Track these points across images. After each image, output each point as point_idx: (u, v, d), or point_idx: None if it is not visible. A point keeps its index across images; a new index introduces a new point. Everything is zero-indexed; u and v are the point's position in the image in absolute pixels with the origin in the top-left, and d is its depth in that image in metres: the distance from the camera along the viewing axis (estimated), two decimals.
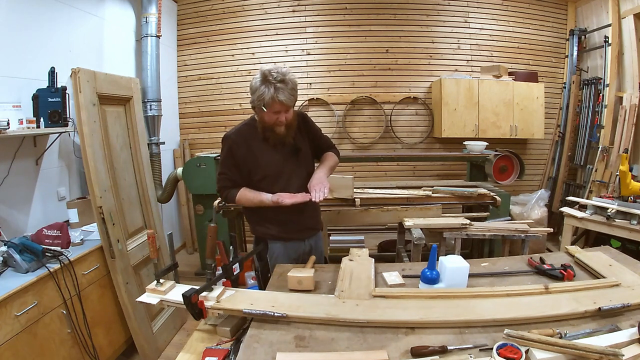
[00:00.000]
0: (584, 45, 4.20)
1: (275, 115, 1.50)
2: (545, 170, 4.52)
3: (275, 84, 1.43)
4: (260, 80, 1.46)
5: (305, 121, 1.73)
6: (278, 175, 1.62)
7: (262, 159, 1.61)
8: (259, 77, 1.46)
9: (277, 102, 1.45)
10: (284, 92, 1.44)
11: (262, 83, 1.45)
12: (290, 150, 1.64)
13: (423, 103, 4.27)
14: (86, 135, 2.06)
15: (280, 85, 1.43)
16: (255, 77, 1.49)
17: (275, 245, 1.70)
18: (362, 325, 1.07)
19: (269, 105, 1.47)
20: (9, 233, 2.00)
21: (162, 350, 2.48)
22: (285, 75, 1.45)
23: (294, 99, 1.50)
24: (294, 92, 1.48)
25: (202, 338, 1.22)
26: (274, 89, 1.43)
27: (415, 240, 2.07)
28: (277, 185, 1.61)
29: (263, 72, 1.45)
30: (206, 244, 1.30)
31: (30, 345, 1.65)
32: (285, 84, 1.44)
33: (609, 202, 2.65)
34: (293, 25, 4.17)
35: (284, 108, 1.49)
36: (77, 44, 2.68)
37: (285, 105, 1.47)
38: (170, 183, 3.54)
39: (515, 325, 1.02)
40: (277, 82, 1.43)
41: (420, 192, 2.85)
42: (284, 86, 1.44)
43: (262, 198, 1.57)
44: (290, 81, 1.46)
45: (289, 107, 1.49)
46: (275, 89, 1.43)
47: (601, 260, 1.43)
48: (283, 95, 1.43)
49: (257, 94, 1.47)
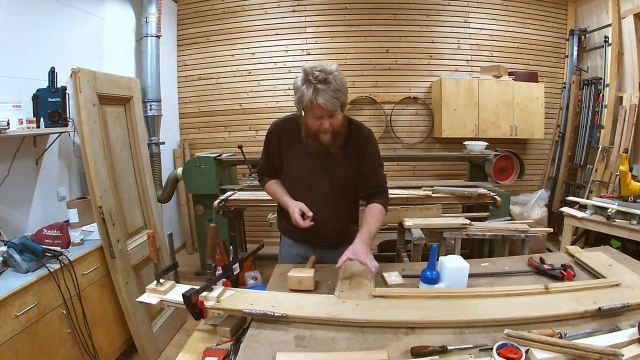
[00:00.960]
0: (584, 45, 4.20)
1: (318, 121, 1.33)
2: (545, 170, 4.52)
3: (316, 84, 1.25)
4: (301, 79, 1.29)
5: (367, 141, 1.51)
6: (303, 183, 1.50)
7: (292, 159, 1.49)
8: (301, 76, 1.30)
9: (316, 106, 1.27)
10: (325, 94, 1.25)
11: (303, 82, 1.28)
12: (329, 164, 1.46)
13: (423, 103, 4.27)
14: (86, 135, 2.06)
15: (321, 87, 1.25)
16: (299, 75, 1.31)
17: (287, 241, 1.68)
18: (362, 325, 1.07)
19: (308, 109, 1.30)
20: (9, 233, 2.00)
21: (162, 350, 2.48)
22: (329, 75, 1.26)
23: (339, 103, 1.29)
24: (339, 93, 1.28)
25: (202, 338, 1.22)
26: (312, 90, 1.25)
27: (415, 240, 2.07)
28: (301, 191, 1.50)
29: (305, 70, 1.29)
30: (206, 244, 1.30)
31: (30, 345, 1.65)
32: (327, 84, 1.25)
33: (609, 202, 2.65)
34: (293, 25, 4.17)
35: (326, 113, 1.30)
36: (77, 44, 2.68)
37: (325, 109, 1.28)
38: (170, 183, 3.54)
39: (515, 325, 1.02)
40: (317, 83, 1.25)
41: (420, 192, 2.86)
42: (325, 87, 1.25)
43: (286, 203, 1.47)
44: (335, 81, 1.26)
45: (330, 111, 1.30)
46: (315, 90, 1.25)
47: (601, 260, 1.43)
48: (322, 98, 1.25)
49: (297, 95, 1.31)
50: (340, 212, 1.57)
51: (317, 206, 1.47)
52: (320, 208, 1.47)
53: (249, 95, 4.29)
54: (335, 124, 1.36)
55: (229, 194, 2.96)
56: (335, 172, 1.49)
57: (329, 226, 1.54)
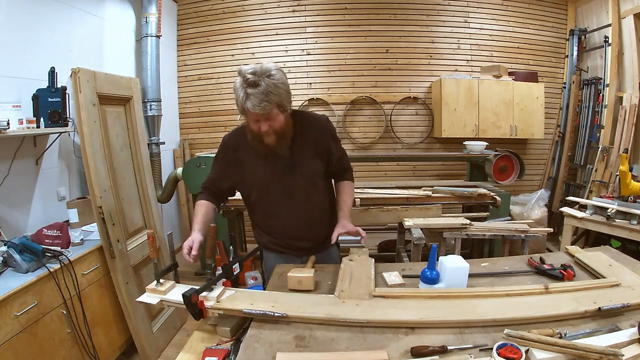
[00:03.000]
0: (584, 45, 4.20)
1: (256, 124, 1.29)
2: (545, 170, 4.52)
3: (246, 88, 1.19)
4: (237, 82, 1.23)
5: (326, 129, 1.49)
6: (266, 190, 1.45)
7: (249, 169, 1.43)
8: (238, 79, 1.23)
9: (247, 112, 1.23)
10: (254, 98, 1.19)
11: (239, 86, 1.22)
12: (285, 165, 1.41)
13: (423, 103, 4.27)
14: (86, 135, 2.06)
15: (250, 90, 1.19)
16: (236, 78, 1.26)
17: (270, 255, 1.60)
18: (362, 325, 1.07)
19: (243, 113, 1.27)
20: (9, 233, 2.00)
21: (162, 350, 2.48)
22: (261, 76, 1.19)
23: (270, 106, 1.22)
24: (271, 96, 1.20)
25: (202, 338, 1.22)
26: (244, 94, 1.20)
27: (415, 240, 2.07)
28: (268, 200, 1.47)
29: (239, 72, 1.22)
30: (206, 244, 1.30)
31: (30, 345, 1.65)
32: (257, 87, 1.19)
33: (609, 202, 2.65)
34: (293, 25, 4.17)
35: (260, 116, 1.25)
36: (77, 44, 2.68)
37: (256, 113, 1.22)
38: (170, 183, 3.54)
39: (515, 325, 1.01)
40: (247, 87, 1.19)
41: (420, 192, 2.86)
42: (254, 91, 1.19)
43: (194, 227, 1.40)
44: (265, 82, 1.19)
45: (263, 115, 1.24)
46: (245, 94, 1.20)
47: (601, 260, 1.43)
48: (251, 102, 1.19)
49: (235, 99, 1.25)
50: (315, 208, 1.52)
51: (289, 209, 1.47)
52: (293, 210, 1.47)
53: None
54: (275, 126, 1.30)
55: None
56: (300, 167, 1.43)
57: (308, 227, 1.53)
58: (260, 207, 1.53)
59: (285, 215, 1.49)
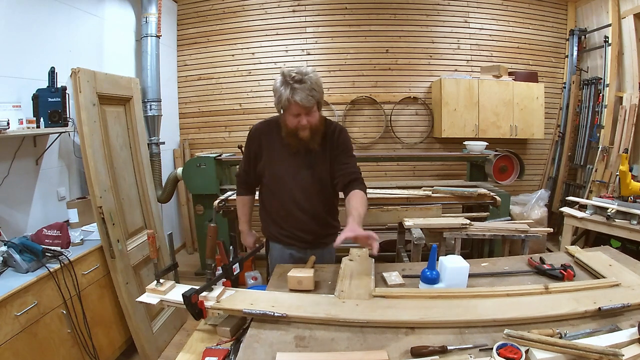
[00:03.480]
0: (584, 45, 4.20)
1: (296, 119, 1.43)
2: (545, 170, 4.52)
3: (292, 84, 1.36)
4: (280, 80, 1.40)
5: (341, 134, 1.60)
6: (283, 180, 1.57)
7: (271, 159, 1.57)
8: (280, 78, 1.40)
9: (293, 103, 1.37)
10: (301, 92, 1.36)
11: (281, 84, 1.39)
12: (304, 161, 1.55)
13: (423, 103, 4.27)
14: (86, 135, 2.06)
15: (298, 86, 1.36)
16: (277, 78, 1.42)
17: (276, 246, 1.70)
18: (362, 325, 1.07)
19: (286, 108, 1.41)
20: (9, 233, 2.00)
21: (162, 350, 2.48)
22: (304, 75, 1.37)
23: (314, 100, 1.40)
24: (314, 92, 1.39)
25: (202, 338, 1.22)
26: (290, 89, 1.36)
27: (415, 240, 2.07)
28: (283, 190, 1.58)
29: (282, 72, 1.40)
30: (206, 244, 1.30)
31: (30, 345, 1.65)
32: (303, 84, 1.36)
33: (609, 202, 2.65)
34: (293, 25, 4.17)
35: (302, 110, 1.40)
36: (77, 44, 2.68)
37: (302, 106, 1.38)
38: (170, 183, 3.54)
39: (515, 325, 1.02)
40: (294, 82, 1.36)
41: (420, 192, 2.86)
42: (301, 86, 1.36)
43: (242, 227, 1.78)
44: (310, 80, 1.38)
45: (307, 108, 1.40)
46: (292, 89, 1.36)
47: (601, 260, 1.43)
48: (299, 95, 1.36)
49: (276, 95, 1.42)
50: (322, 205, 1.64)
51: (300, 201, 1.58)
52: (303, 202, 1.58)
53: (249, 95, 4.29)
54: (312, 121, 1.45)
55: (229, 194, 2.95)
56: (315, 167, 1.57)
57: (314, 221, 1.63)
58: (274, 196, 1.64)
59: (295, 206, 1.59)
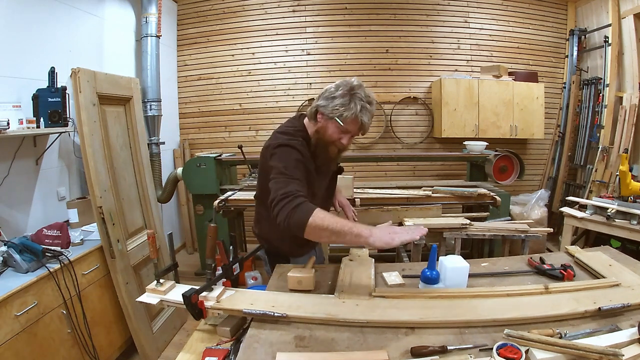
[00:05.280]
0: (584, 45, 4.19)
1: (340, 135, 1.36)
2: (545, 170, 4.52)
3: (364, 103, 1.30)
4: (345, 90, 1.31)
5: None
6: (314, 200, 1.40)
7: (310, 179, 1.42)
8: (345, 87, 1.31)
9: (358, 122, 1.32)
10: (369, 114, 1.32)
11: (348, 95, 1.30)
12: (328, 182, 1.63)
13: (423, 103, 4.27)
14: (86, 135, 2.06)
15: (368, 107, 1.32)
16: (338, 84, 1.33)
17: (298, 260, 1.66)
18: (362, 325, 1.07)
19: (347, 122, 1.32)
20: (9, 233, 2.00)
21: (162, 350, 2.48)
22: (372, 100, 1.34)
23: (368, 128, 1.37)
24: (371, 119, 1.36)
25: (202, 338, 1.22)
26: (360, 107, 1.29)
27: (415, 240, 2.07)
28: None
29: (351, 85, 1.31)
30: (206, 244, 1.30)
31: (30, 345, 1.65)
32: (371, 107, 1.33)
33: (609, 202, 2.65)
34: (293, 25, 4.17)
35: (357, 132, 1.37)
36: (77, 44, 2.68)
37: (363, 128, 1.35)
38: (170, 183, 3.54)
39: (515, 325, 1.01)
40: (365, 102, 1.31)
41: (420, 192, 2.86)
42: (370, 108, 1.33)
43: (358, 226, 1.15)
44: (374, 106, 1.35)
45: (363, 132, 1.37)
46: (363, 107, 1.30)
47: (601, 260, 1.43)
48: (367, 117, 1.32)
49: (336, 103, 1.31)
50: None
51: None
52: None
53: (249, 95, 4.29)
54: (348, 143, 1.42)
55: (229, 194, 2.95)
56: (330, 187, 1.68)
57: None
58: None
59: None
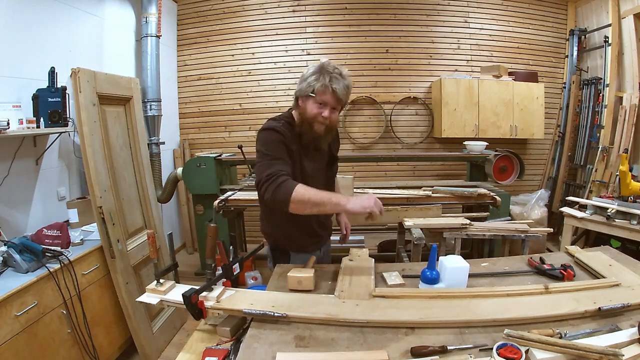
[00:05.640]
0: (584, 45, 4.20)
1: (319, 109, 1.39)
2: (545, 170, 4.52)
3: (332, 73, 1.36)
4: (316, 68, 1.39)
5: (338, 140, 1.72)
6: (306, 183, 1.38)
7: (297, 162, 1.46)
8: (315, 66, 1.39)
9: (329, 92, 1.36)
10: (340, 83, 1.36)
11: (318, 71, 1.37)
12: (326, 159, 1.61)
13: (423, 103, 4.27)
14: (86, 135, 2.06)
15: (338, 77, 1.37)
16: (310, 67, 1.41)
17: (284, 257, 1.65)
18: (362, 325, 1.07)
19: (319, 93, 1.37)
20: (9, 233, 2.00)
21: (162, 350, 2.48)
22: (343, 72, 1.40)
23: (346, 97, 1.42)
24: (348, 90, 1.41)
25: (202, 338, 1.22)
26: (329, 77, 1.35)
27: (415, 240, 2.07)
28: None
29: (322, 63, 1.40)
30: (206, 244, 1.29)
31: (30, 345, 1.65)
32: (343, 78, 1.38)
33: (609, 202, 2.65)
34: (293, 25, 4.17)
35: (332, 101, 1.38)
36: (77, 44, 2.68)
37: (336, 97, 1.37)
38: (170, 183, 3.54)
39: (515, 325, 1.01)
40: (335, 74, 1.37)
41: (420, 192, 2.85)
42: (341, 79, 1.37)
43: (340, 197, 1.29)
44: (348, 79, 1.41)
45: (339, 101, 1.40)
46: (332, 77, 1.35)
47: (601, 260, 1.43)
48: (337, 85, 1.36)
49: (308, 81, 1.38)
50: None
51: None
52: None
53: (249, 95, 4.29)
54: (332, 118, 1.44)
55: (229, 194, 2.95)
56: (325, 169, 1.63)
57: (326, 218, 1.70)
58: None
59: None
